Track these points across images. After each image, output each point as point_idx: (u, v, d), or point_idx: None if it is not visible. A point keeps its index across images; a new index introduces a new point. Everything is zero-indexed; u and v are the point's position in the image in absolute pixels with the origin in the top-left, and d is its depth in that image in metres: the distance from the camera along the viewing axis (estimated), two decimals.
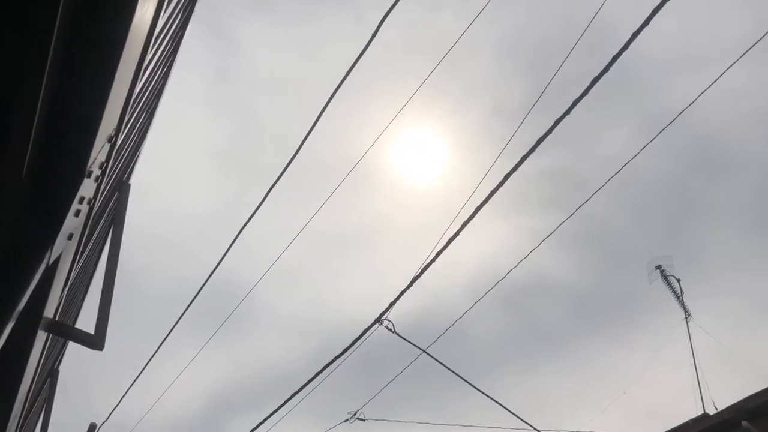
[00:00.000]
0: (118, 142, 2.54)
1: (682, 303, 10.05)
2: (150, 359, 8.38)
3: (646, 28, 4.05)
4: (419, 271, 4.76)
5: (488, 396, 6.33)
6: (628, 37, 3.83)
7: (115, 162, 3.05)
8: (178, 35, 3.55)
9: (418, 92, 6.71)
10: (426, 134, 16.94)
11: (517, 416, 6.45)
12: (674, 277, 10.22)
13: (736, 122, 16.47)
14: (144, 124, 4.16)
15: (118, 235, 3.89)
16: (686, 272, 10.95)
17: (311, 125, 5.95)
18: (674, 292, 10.15)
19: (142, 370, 8.30)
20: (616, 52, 4.13)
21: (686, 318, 9.92)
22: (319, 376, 6.48)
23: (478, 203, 4.77)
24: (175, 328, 7.86)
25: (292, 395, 6.74)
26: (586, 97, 4.25)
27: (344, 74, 5.66)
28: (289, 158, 6.24)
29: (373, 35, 5.29)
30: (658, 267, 10.34)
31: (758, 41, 4.51)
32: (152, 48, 2.34)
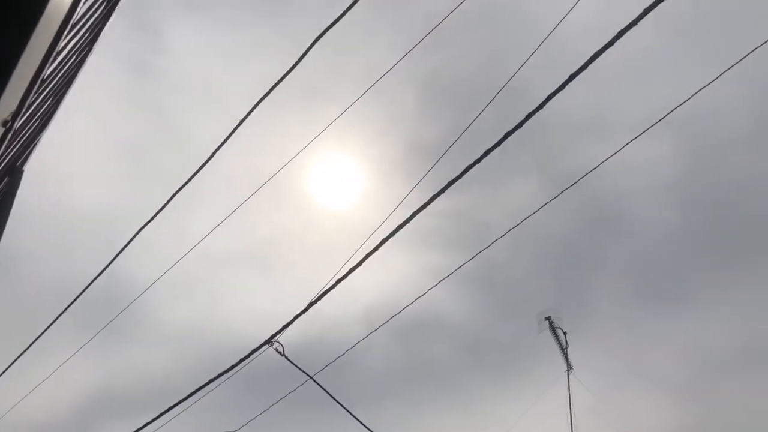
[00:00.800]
0: (16, 126, 2.41)
1: (565, 356, 10.46)
2: (20, 355, 7.89)
3: (563, 92, 4.26)
4: (316, 297, 4.74)
5: (368, 429, 6.33)
6: (544, 97, 4.02)
7: (10, 146, 2.88)
8: (99, 25, 3.43)
9: (340, 118, 6.74)
10: (343, 160, 17.01)
11: None
12: (561, 329, 10.64)
13: (633, 192, 17.49)
14: (49, 110, 3.97)
15: (2, 221, 3.67)
16: (573, 326, 11.40)
17: (227, 134, 5.87)
18: (560, 344, 10.56)
19: (8, 367, 7.79)
20: (532, 109, 4.32)
21: (568, 371, 10.33)
22: (200, 391, 6.30)
23: (385, 235, 4.83)
24: (54, 325, 7.45)
25: (170, 408, 6.51)
26: (498, 147, 4.41)
27: (269, 89, 5.63)
28: (200, 165, 6.12)
29: (303, 55, 5.30)
30: (548, 318, 10.74)
31: (660, 120, 4.82)
32: (67, 35, 2.25)
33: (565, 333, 10.64)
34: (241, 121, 5.74)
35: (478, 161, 4.04)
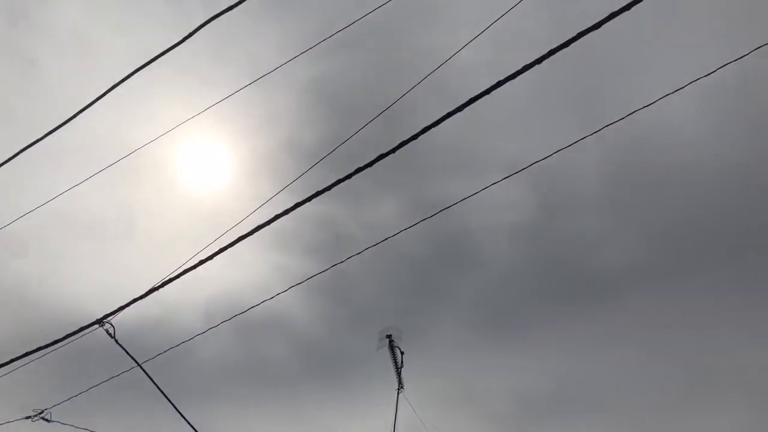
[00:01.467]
0: None
1: (399, 375, 10.76)
2: None
3: (443, 124, 4.43)
4: (160, 283, 4.58)
5: (191, 425, 6.19)
6: (422, 127, 4.16)
7: None
8: None
9: (219, 106, 6.61)
10: (217, 147, 16.59)
11: None
12: (400, 349, 10.94)
13: (490, 229, 18.45)
14: None
15: None
16: (413, 347, 11.77)
17: (97, 97, 5.61)
18: (395, 363, 10.84)
19: None
20: (408, 136, 4.45)
21: (398, 390, 10.63)
22: (14, 363, 5.88)
23: (242, 233, 4.77)
24: None
25: None
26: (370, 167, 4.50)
27: (149, 59, 5.44)
28: (61, 122, 5.80)
29: (190, 34, 5.16)
30: (388, 336, 10.99)
31: (524, 168, 5.13)
32: None
33: (402, 353, 10.94)
34: (113, 87, 5.50)
35: (348, 177, 4.12)
